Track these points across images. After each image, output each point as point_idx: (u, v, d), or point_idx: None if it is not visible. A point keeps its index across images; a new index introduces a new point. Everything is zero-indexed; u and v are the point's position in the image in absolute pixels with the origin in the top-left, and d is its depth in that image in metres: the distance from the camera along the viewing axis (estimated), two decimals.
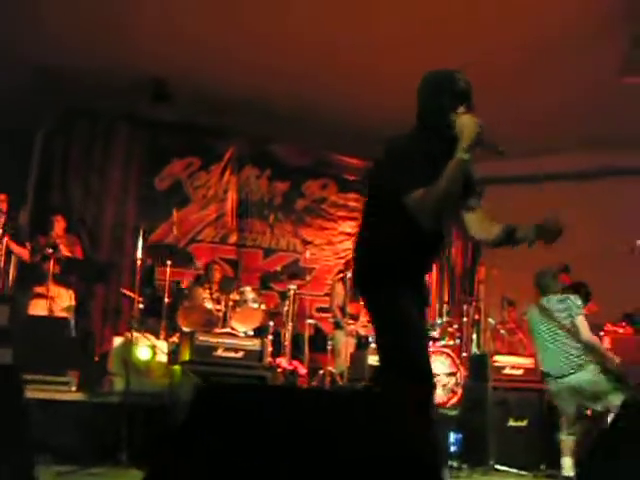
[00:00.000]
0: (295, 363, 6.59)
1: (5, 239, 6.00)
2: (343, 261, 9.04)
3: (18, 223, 6.72)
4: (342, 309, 7.36)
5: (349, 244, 9.19)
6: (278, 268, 8.62)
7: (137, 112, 8.19)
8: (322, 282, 8.96)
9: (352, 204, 9.33)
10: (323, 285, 8.94)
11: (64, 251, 6.56)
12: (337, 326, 7.35)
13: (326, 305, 8.39)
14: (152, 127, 8.44)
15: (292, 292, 7.03)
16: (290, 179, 9.11)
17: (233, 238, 8.86)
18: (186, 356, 5.34)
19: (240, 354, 5.50)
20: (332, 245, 9.22)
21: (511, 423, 5.88)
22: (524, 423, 5.90)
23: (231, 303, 6.63)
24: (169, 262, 6.67)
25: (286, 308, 7.09)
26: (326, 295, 8.66)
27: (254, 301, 6.70)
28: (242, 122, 8.32)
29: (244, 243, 8.87)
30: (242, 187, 8.95)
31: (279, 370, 6.27)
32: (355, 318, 7.50)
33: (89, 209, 8.05)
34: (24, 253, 6.34)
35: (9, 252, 6.29)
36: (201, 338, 5.40)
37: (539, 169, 7.52)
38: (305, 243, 7.94)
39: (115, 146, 8.28)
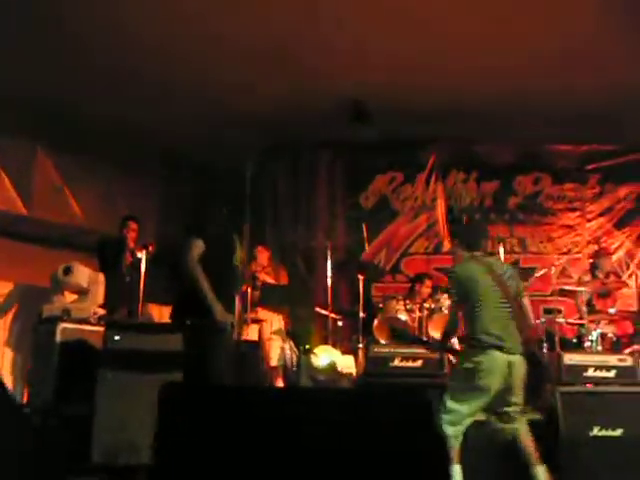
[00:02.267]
0: None
1: None
2: (566, 257, 8.45)
3: None
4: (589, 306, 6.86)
5: (571, 237, 8.53)
6: None
7: (336, 136, 8.47)
8: (546, 281, 8.37)
9: (570, 194, 8.62)
10: (547, 284, 8.36)
11: (267, 279, 7.05)
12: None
13: (553, 307, 7.86)
14: (352, 148, 8.68)
15: None
16: (498, 178, 8.73)
17: (447, 246, 8.72)
18: (361, 368, 5.40)
19: (419, 363, 5.42)
20: (552, 241, 8.60)
21: None
22: None
23: (426, 312, 6.55)
24: (360, 277, 6.79)
25: None
26: (552, 295, 8.10)
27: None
28: (440, 128, 8.19)
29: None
30: (450, 193, 8.81)
31: None
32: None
33: (301, 236, 8.52)
34: None
35: None
36: (375, 350, 5.43)
37: None
38: (499, 241, 7.53)
39: (319, 172, 8.70)
